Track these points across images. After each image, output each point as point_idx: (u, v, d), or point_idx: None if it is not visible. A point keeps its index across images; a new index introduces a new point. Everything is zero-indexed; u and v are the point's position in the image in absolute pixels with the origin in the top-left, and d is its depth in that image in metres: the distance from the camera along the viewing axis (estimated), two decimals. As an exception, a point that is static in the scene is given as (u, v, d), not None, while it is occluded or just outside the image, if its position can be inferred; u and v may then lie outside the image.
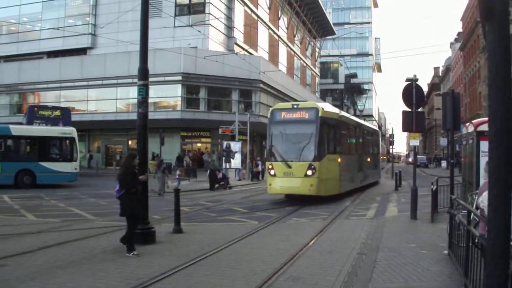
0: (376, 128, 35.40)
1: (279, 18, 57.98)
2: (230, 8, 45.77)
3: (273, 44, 55.56)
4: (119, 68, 38.72)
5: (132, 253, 8.93)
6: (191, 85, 39.50)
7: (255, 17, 50.34)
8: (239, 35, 46.46)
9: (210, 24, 41.76)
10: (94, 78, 40.25)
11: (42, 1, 49.16)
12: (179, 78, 38.25)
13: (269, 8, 54.52)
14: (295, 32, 64.40)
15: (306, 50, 72.59)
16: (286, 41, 60.61)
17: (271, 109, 20.28)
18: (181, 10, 44.24)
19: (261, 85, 41.21)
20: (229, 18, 45.63)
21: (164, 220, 13.68)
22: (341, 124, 20.90)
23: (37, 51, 48.08)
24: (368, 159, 27.30)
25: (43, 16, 49.27)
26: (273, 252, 9.42)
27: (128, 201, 9.16)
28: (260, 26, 51.84)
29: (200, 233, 11.94)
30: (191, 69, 37.82)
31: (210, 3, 42.59)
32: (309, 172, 18.05)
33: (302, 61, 69.09)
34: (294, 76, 62.87)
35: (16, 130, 24.82)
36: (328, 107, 21.22)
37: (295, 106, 19.50)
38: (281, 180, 18.46)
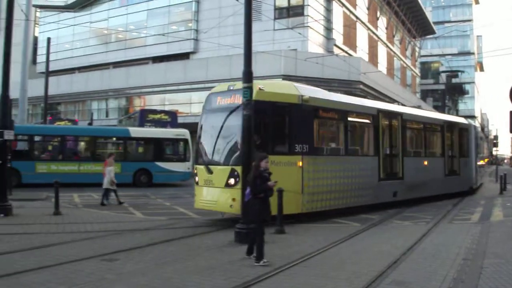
0: (458, 121, 25.76)
1: (377, 18, 57.68)
2: (328, 9, 46.29)
3: (373, 45, 55.35)
4: (220, 72, 40.49)
5: (262, 262, 8.47)
6: (291, 87, 40.44)
7: (354, 18, 50.51)
8: (338, 37, 46.86)
9: (309, 26, 42.47)
10: (197, 82, 42.32)
11: (147, 10, 52.47)
12: (280, 80, 39.40)
13: (368, 9, 54.44)
14: (394, 32, 63.70)
15: (406, 50, 71.48)
16: (386, 41, 60.11)
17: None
18: (280, 13, 45.32)
19: (361, 87, 41.32)
20: (328, 19, 46.18)
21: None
22: (312, 111, 14.70)
23: (143, 56, 51.41)
24: (426, 163, 20.91)
25: (148, 24, 52.57)
26: (376, 255, 9.45)
27: (255, 206, 8.78)
28: (359, 26, 51.93)
29: (302, 234, 12.11)
30: (291, 71, 38.75)
31: (308, 5, 43.35)
32: (231, 181, 12.97)
33: (402, 62, 68.13)
34: (394, 77, 62.16)
35: (134, 132, 27.17)
36: (282, 86, 15.57)
37: (231, 88, 14.14)
38: (202, 191, 14.10)
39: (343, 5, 47.99)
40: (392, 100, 42.84)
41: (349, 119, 16.59)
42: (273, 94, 13.83)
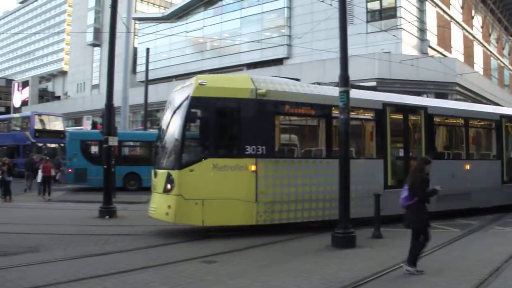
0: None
1: (472, 17, 56.75)
2: (421, 10, 46.40)
3: (468, 45, 54.52)
4: (314, 76, 41.34)
5: (415, 269, 8.38)
6: (386, 90, 40.99)
7: (448, 18, 50.17)
8: (432, 38, 46.82)
9: (402, 28, 42.92)
10: (291, 87, 43.85)
11: (241, 18, 55.02)
12: (374, 83, 40.05)
13: (462, 8, 53.79)
14: (490, 31, 62.20)
15: (503, 49, 69.36)
16: (482, 40, 58.88)
17: None
18: (373, 16, 46.04)
19: (457, 88, 41.16)
20: (421, 20, 46.28)
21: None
22: (271, 106, 12.91)
23: (238, 63, 53.93)
24: (467, 167, 17.32)
25: (242, 31, 55.09)
26: (476, 262, 9.30)
27: (420, 211, 8.58)
28: (454, 26, 51.43)
29: (400, 239, 11.77)
30: (385, 74, 39.38)
31: (401, 7, 43.79)
32: (168, 186, 12.15)
33: (499, 61, 66.20)
34: (491, 77, 60.68)
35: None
36: (232, 80, 14.53)
37: (183, 85, 13.42)
38: (151, 197, 13.42)
39: (437, 5, 47.86)
40: (490, 102, 42.31)
41: (334, 115, 13.64)
42: (218, 89, 12.69)
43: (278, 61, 49.88)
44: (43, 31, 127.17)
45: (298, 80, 14.71)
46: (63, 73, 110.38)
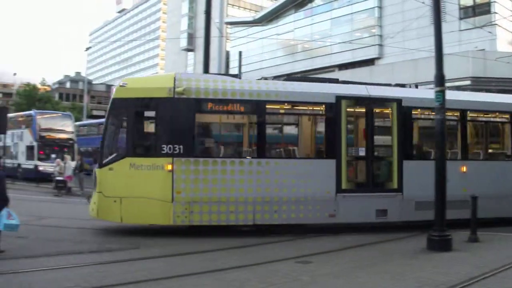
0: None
1: None
2: (517, 3, 45.58)
3: None
4: (406, 76, 41.94)
5: None
6: (480, 89, 40.85)
7: (548, 10, 48.75)
8: (530, 32, 45.83)
9: (497, 24, 42.39)
10: (383, 87, 44.61)
11: (331, 19, 56.45)
12: (468, 82, 39.98)
13: None
14: None
15: None
16: None
17: None
18: (466, 13, 45.71)
19: (558, 84, 40.17)
20: (518, 14, 45.43)
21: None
22: (192, 104, 12.90)
23: (329, 64, 55.27)
24: (464, 169, 14.88)
25: (332, 32, 56.43)
26: None
27: None
28: (555, 18, 49.85)
29: (497, 243, 12.01)
30: (479, 72, 39.20)
31: (495, 2, 43.17)
32: (96, 184, 13.03)
33: None
34: None
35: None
36: (155, 79, 14.74)
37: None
38: None
39: (535, -3, 46.70)
40: None
41: (268, 111, 13.66)
42: (137, 90, 13.05)
43: (369, 62, 50.66)
44: (140, 38, 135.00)
45: (236, 76, 14.71)
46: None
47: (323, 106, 13.91)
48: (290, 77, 14.91)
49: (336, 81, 15.62)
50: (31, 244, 11.69)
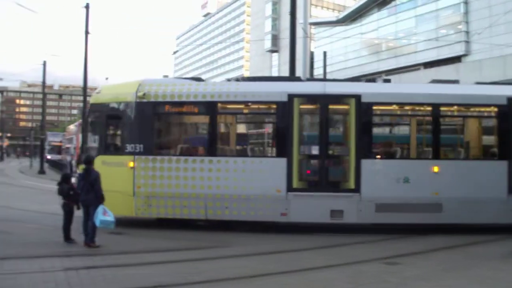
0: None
1: None
2: None
3: None
4: (494, 73, 41.51)
5: None
6: None
7: None
8: None
9: None
10: (470, 85, 44.24)
11: (415, 16, 56.44)
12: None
13: None
14: None
15: None
16: None
17: None
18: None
19: None
20: None
21: None
22: (150, 108, 14.23)
23: (414, 63, 55.30)
24: (435, 169, 13.78)
25: (417, 30, 56.40)
26: None
27: None
28: None
29: None
30: None
31: None
32: None
33: None
34: None
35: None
36: (125, 85, 15.14)
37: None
38: None
39: None
40: None
41: (220, 111, 14.59)
42: (108, 96, 14.80)
43: (455, 59, 50.20)
44: (225, 41, 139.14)
45: (200, 80, 15.56)
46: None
47: (275, 104, 14.09)
48: (248, 77, 15.73)
49: (297, 79, 15.82)
50: (126, 240, 12.52)
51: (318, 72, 67.86)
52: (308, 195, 13.70)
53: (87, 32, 31.63)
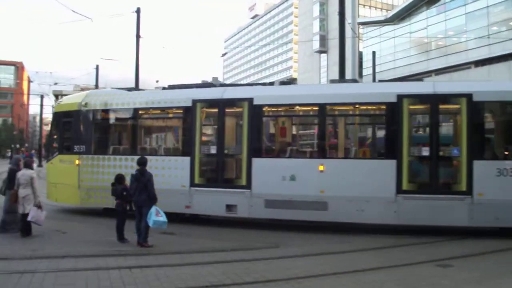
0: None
1: None
2: None
3: None
4: None
5: None
6: None
7: None
8: None
9: None
10: (522, 82, 43.55)
11: (465, 14, 55.50)
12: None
13: None
14: None
15: None
16: None
17: None
18: None
19: None
20: None
21: None
22: (91, 115, 17.27)
23: (465, 61, 54.40)
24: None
25: (467, 27, 55.41)
26: None
27: None
28: None
29: None
30: None
31: None
32: None
33: None
34: None
35: None
36: (77, 96, 19.20)
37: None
38: None
39: None
40: None
41: (142, 117, 17.12)
42: (65, 105, 18.56)
43: (508, 57, 49.09)
44: (273, 42, 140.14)
45: (133, 89, 18.63)
46: (293, 80, 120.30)
47: (182, 109, 16.14)
48: (171, 85, 17.47)
49: (210, 85, 17.71)
50: (178, 240, 13.03)
51: (367, 72, 67.66)
52: (206, 190, 15.33)
53: (138, 36, 33.04)
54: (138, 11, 33.30)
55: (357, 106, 15.22)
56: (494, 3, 52.24)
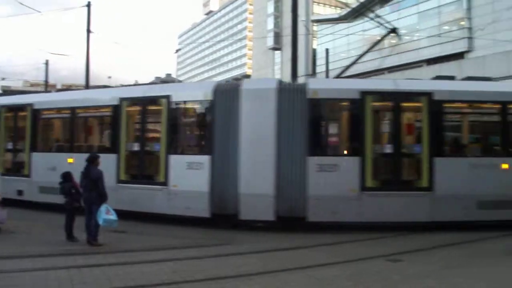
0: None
1: None
2: None
3: None
4: (498, 69, 41.38)
5: None
6: None
7: None
8: None
9: None
10: (473, 81, 44.27)
11: (418, 13, 56.56)
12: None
13: None
14: None
15: None
16: None
17: None
18: None
19: None
20: None
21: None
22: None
23: (417, 59, 54.98)
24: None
25: (420, 26, 56.23)
26: None
27: None
28: None
29: None
30: None
31: None
32: None
33: None
34: None
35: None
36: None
37: None
38: None
39: None
40: None
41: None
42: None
43: (458, 55, 50.08)
44: (227, 39, 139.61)
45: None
46: (247, 77, 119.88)
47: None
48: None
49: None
50: (129, 238, 12.79)
51: (321, 69, 67.77)
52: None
53: (88, 31, 32.12)
54: (88, 5, 32.46)
55: (91, 109, 18.01)
56: (446, 3, 53.38)
